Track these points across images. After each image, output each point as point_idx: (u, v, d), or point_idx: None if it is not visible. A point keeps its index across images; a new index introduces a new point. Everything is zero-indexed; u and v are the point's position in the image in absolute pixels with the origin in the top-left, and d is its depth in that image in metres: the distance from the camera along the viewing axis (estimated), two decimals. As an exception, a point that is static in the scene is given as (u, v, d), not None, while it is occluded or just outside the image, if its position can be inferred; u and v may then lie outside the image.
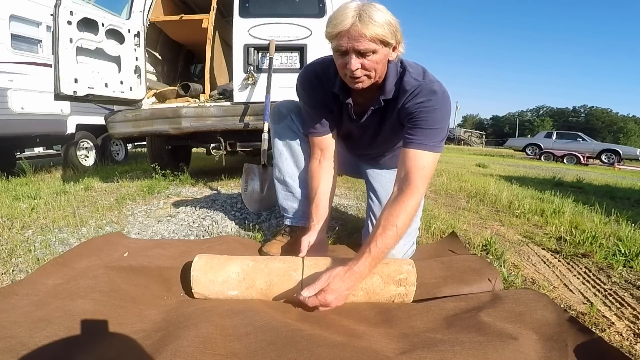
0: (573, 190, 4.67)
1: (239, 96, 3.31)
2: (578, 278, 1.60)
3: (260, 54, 3.28)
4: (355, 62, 1.22)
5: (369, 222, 1.70)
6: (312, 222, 1.57)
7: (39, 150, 7.46)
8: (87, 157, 6.23)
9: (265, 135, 2.76)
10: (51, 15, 2.73)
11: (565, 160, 15.92)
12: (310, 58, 3.20)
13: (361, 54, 1.22)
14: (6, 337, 0.97)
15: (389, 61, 1.33)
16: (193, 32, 4.12)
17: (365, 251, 1.21)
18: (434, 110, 1.33)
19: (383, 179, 1.73)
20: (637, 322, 1.23)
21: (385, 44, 1.23)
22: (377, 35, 1.19)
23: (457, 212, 2.73)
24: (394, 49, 1.29)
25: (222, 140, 3.44)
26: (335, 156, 1.63)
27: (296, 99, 1.64)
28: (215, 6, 3.80)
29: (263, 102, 3.06)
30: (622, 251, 1.83)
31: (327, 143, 1.60)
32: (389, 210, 1.27)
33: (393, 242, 1.24)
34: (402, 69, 1.37)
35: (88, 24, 2.86)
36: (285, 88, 3.03)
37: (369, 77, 1.29)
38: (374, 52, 1.22)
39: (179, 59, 5.11)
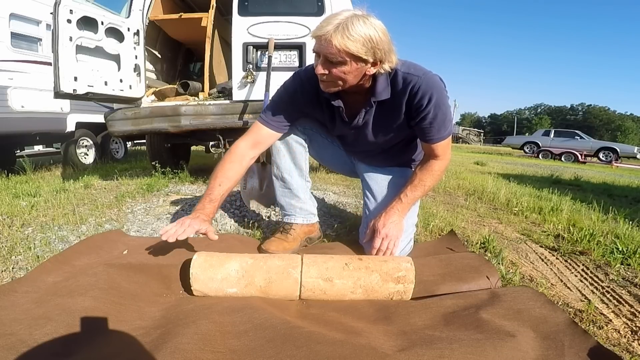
0: (571, 188, 4.69)
1: (238, 94, 3.30)
2: (576, 275, 1.60)
3: (259, 53, 3.28)
4: (320, 67, 1.28)
5: (366, 220, 1.71)
6: (210, 204, 1.51)
7: (39, 148, 7.46)
8: (87, 155, 6.22)
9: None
10: (51, 13, 2.72)
11: (563, 158, 15.93)
12: (309, 56, 3.20)
13: (330, 62, 1.26)
14: (6, 334, 0.97)
15: (374, 74, 1.34)
16: (192, 30, 4.11)
17: (398, 199, 1.53)
18: (441, 104, 1.38)
19: (378, 177, 1.74)
20: (635, 319, 1.23)
21: (356, 58, 1.24)
22: (346, 49, 1.21)
23: (456, 210, 2.74)
24: (375, 64, 1.29)
25: (221, 138, 3.43)
26: (256, 156, 1.64)
27: None
28: (215, 5, 3.79)
29: (262, 100, 3.06)
30: (620, 249, 1.84)
31: (267, 140, 1.61)
32: (420, 174, 1.54)
33: (420, 195, 1.57)
34: (392, 69, 1.36)
35: (88, 23, 2.86)
36: (284, 86, 3.03)
37: (334, 85, 1.33)
38: (342, 63, 1.24)
39: (178, 57, 5.09)
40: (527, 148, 18.38)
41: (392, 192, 1.65)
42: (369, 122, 1.52)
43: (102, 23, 2.94)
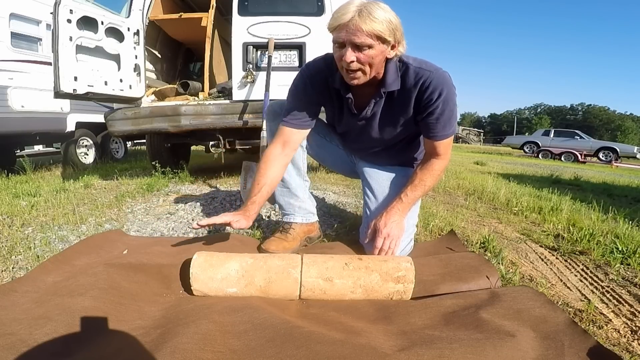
0: (571, 187, 4.68)
1: (238, 94, 3.31)
2: (576, 275, 1.60)
3: (259, 52, 3.28)
4: (350, 55, 1.28)
5: (366, 219, 1.71)
6: (251, 204, 1.53)
7: (39, 148, 7.48)
8: (87, 154, 6.23)
9: (264, 133, 2.75)
10: (51, 13, 2.72)
11: (562, 158, 15.93)
12: (309, 56, 3.20)
13: (357, 47, 1.27)
14: (6, 334, 0.97)
15: (388, 59, 1.37)
16: (192, 30, 4.12)
17: (399, 199, 1.55)
18: (449, 101, 1.41)
19: (379, 176, 1.74)
20: (635, 319, 1.23)
21: (382, 40, 1.27)
22: (374, 31, 1.23)
23: (455, 209, 2.74)
24: (393, 47, 1.33)
25: (221, 138, 3.44)
26: (290, 155, 1.63)
27: None
28: (215, 4, 3.80)
29: (262, 100, 3.06)
30: (620, 248, 1.84)
31: (293, 138, 1.60)
32: (420, 173, 1.55)
33: (421, 194, 1.58)
34: (403, 64, 1.41)
35: (88, 22, 2.86)
36: (283, 86, 2.98)
37: (363, 72, 1.33)
38: (369, 46, 1.27)
39: (178, 57, 5.10)
40: (527, 148, 18.37)
41: (393, 191, 1.65)
42: (377, 114, 1.53)
43: (102, 23, 2.95)
